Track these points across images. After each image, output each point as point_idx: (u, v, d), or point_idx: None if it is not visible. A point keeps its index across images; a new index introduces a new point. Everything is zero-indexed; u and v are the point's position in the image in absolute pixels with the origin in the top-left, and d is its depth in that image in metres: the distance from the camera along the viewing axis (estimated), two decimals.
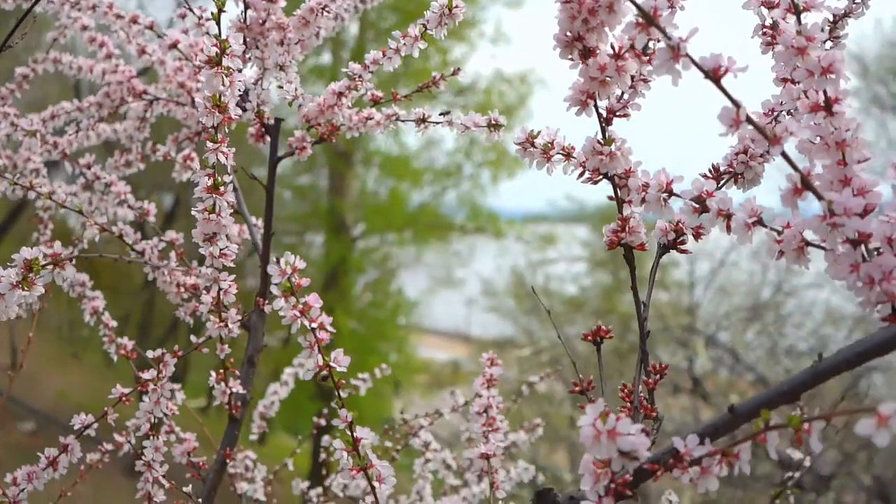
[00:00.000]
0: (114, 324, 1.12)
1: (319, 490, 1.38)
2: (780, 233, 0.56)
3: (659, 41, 0.54)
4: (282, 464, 1.42)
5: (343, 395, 0.65)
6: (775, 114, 0.69)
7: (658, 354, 7.07)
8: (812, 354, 6.80)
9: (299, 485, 1.41)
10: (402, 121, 0.98)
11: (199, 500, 0.95)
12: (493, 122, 0.84)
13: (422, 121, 0.96)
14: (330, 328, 0.63)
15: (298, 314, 0.62)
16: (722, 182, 0.70)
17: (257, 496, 1.30)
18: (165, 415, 0.98)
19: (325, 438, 1.23)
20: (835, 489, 5.79)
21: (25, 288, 0.69)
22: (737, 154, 0.69)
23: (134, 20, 1.11)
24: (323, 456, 1.40)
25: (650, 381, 0.65)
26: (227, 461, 1.00)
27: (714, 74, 0.51)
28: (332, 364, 0.64)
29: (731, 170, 0.69)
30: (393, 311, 11.67)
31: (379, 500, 0.65)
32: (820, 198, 0.52)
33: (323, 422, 1.50)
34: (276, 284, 0.62)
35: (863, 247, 0.53)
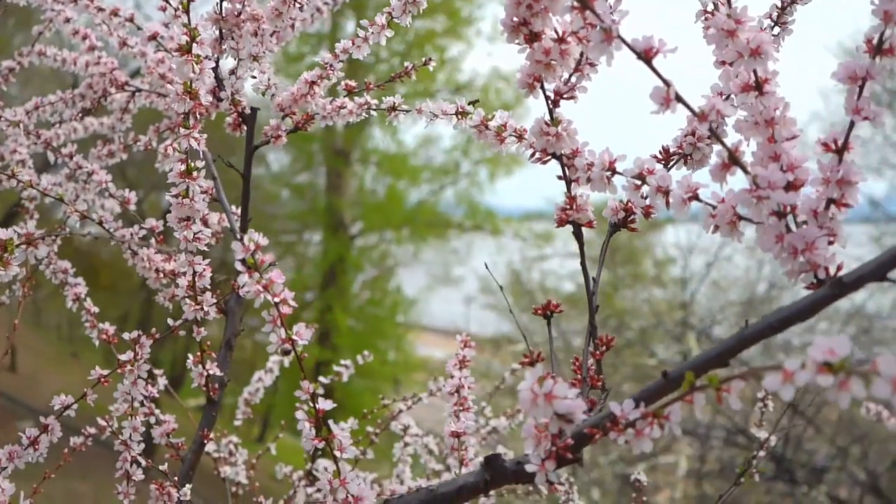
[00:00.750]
0: (95, 309, 1.14)
1: (300, 473, 1.41)
2: (714, 207, 0.59)
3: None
4: (264, 448, 1.45)
5: (303, 366, 0.68)
6: (723, 97, 0.72)
7: (654, 350, 7.12)
8: (803, 348, 6.84)
9: (282, 469, 1.44)
10: (374, 109, 1.00)
11: (176, 478, 0.98)
12: (460, 109, 0.86)
13: (392, 109, 0.99)
14: (292, 303, 0.66)
15: (262, 289, 0.65)
16: (671, 163, 0.72)
17: (239, 479, 1.33)
18: (145, 397, 1.01)
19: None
20: (829, 483, 5.83)
21: (1, 267, 0.71)
22: (685, 136, 0.72)
23: (115, 13, 1.13)
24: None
25: (597, 352, 0.68)
26: (205, 442, 1.03)
27: (646, 55, 0.54)
28: (294, 337, 0.66)
29: (679, 151, 0.72)
30: (391, 308, 11.70)
31: (340, 470, 0.68)
32: (746, 172, 0.55)
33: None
34: (239, 260, 0.65)
35: (791, 219, 0.56)
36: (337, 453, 0.68)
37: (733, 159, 0.55)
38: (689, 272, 7.52)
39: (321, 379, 1.30)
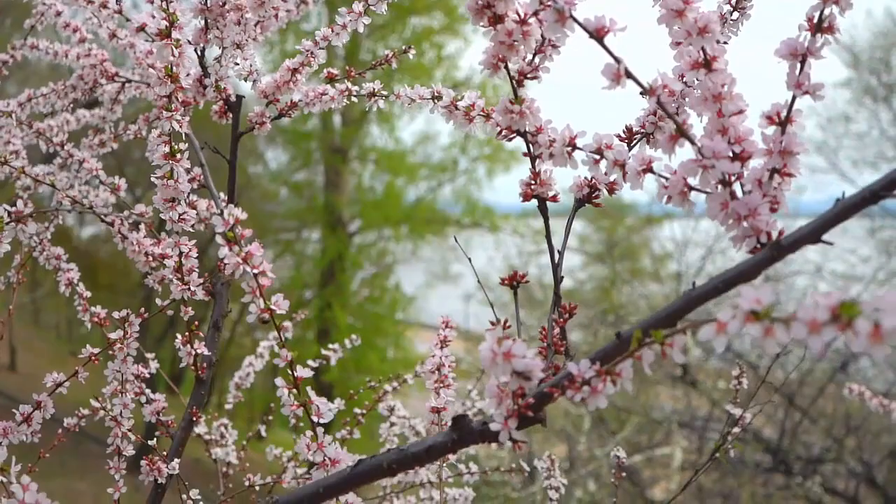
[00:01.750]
0: (88, 294, 1.17)
1: (290, 454, 1.44)
2: (667, 179, 0.62)
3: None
4: (255, 431, 1.49)
5: (283, 336, 0.71)
6: (684, 78, 0.75)
7: None
8: (799, 340, 6.86)
9: (273, 451, 1.48)
10: (355, 95, 1.04)
11: (165, 453, 1.01)
12: (436, 94, 0.90)
13: (372, 95, 1.02)
14: (271, 274, 0.69)
15: (241, 261, 0.68)
16: (635, 141, 0.76)
17: (230, 459, 1.36)
18: (136, 376, 1.05)
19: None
20: (824, 475, 5.87)
21: None
22: (647, 115, 0.75)
23: (103, 5, 1.16)
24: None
25: (561, 320, 0.72)
26: (194, 419, 1.06)
27: (598, 34, 0.57)
28: (272, 307, 0.70)
29: (643, 130, 0.75)
30: (390, 306, 11.73)
31: (318, 436, 0.71)
32: (693, 143, 0.58)
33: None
34: (219, 234, 0.68)
35: (737, 187, 0.60)
36: (314, 418, 0.71)
37: (680, 131, 0.58)
38: (686, 265, 7.56)
39: (309, 362, 1.33)
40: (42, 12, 1.36)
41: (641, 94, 0.58)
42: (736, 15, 0.79)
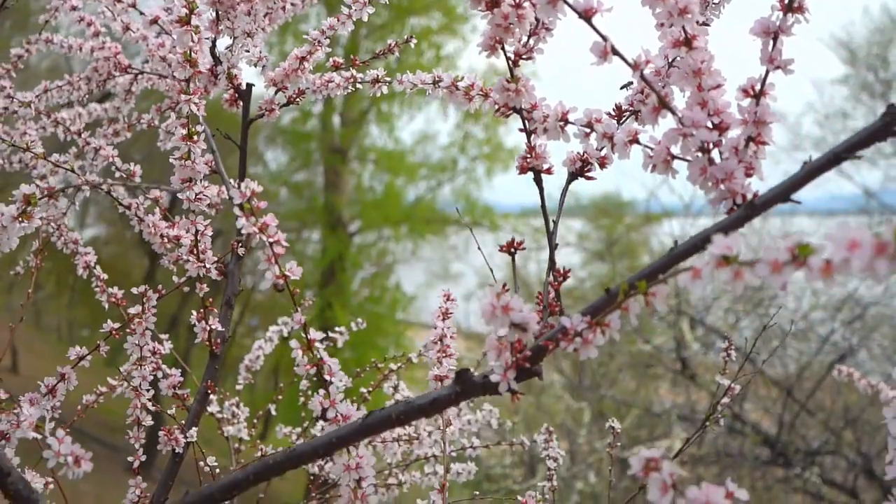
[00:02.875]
0: (105, 276, 1.23)
1: (299, 430, 1.49)
2: (652, 149, 0.67)
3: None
4: (265, 410, 1.54)
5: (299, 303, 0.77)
6: (670, 59, 0.80)
7: (648, 337, 7.21)
8: (797, 335, 6.93)
9: (282, 430, 1.53)
10: (360, 82, 1.09)
11: (184, 423, 1.06)
12: (436, 79, 0.95)
13: (376, 81, 1.07)
14: (284, 243, 0.75)
15: (257, 230, 0.74)
16: (624, 118, 0.81)
17: (241, 435, 1.42)
18: (152, 352, 1.10)
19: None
20: (822, 466, 5.92)
21: (24, 219, 0.80)
22: (636, 94, 0.80)
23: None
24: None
25: (556, 283, 0.77)
26: (209, 392, 1.11)
27: (586, 14, 0.63)
28: (287, 273, 0.75)
29: (630, 108, 0.80)
30: (391, 306, 11.77)
31: (331, 395, 0.77)
32: (674, 114, 0.63)
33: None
34: (237, 205, 0.73)
35: (716, 155, 0.65)
36: (327, 377, 0.76)
37: (662, 103, 0.64)
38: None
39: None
40: (56, 7, 1.41)
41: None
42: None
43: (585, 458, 5.71)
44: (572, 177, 0.79)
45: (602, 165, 0.79)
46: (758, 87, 0.64)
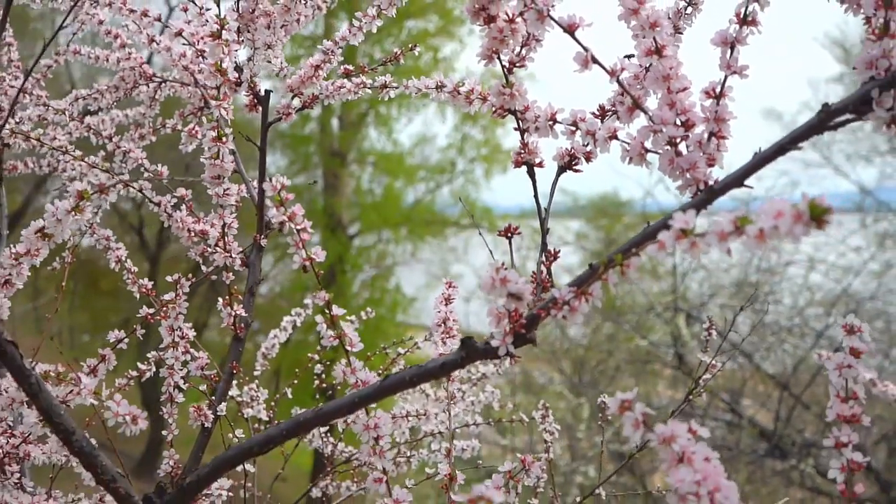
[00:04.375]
0: (135, 269, 1.33)
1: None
2: (628, 144, 0.78)
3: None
4: (281, 392, 1.65)
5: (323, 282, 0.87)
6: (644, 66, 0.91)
7: (650, 338, 7.33)
8: (793, 330, 7.04)
9: (296, 411, 1.63)
10: (370, 88, 1.20)
11: (213, 398, 1.17)
12: (439, 84, 1.05)
13: (384, 87, 1.18)
14: (310, 230, 0.85)
15: (287, 219, 0.84)
16: (607, 118, 0.91)
17: (261, 416, 1.52)
18: (181, 336, 1.20)
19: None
20: (817, 458, 6.02)
21: (77, 213, 0.90)
22: (617, 96, 0.91)
23: (144, 14, 1.32)
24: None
25: (547, 262, 0.87)
26: (234, 372, 1.22)
27: (570, 29, 0.73)
28: (312, 256, 0.85)
29: (612, 108, 0.91)
30: (391, 307, 11.87)
31: (351, 362, 0.87)
32: (646, 112, 0.74)
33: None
34: (268, 197, 0.84)
35: (683, 148, 0.75)
36: (348, 348, 0.87)
37: (636, 104, 0.74)
38: (681, 256, 7.73)
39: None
40: (83, 21, 1.52)
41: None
42: (690, 9, 0.95)
43: (585, 454, 5.81)
44: (561, 170, 0.90)
45: (588, 159, 0.89)
46: (718, 90, 0.75)
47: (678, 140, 0.74)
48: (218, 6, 0.97)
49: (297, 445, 1.80)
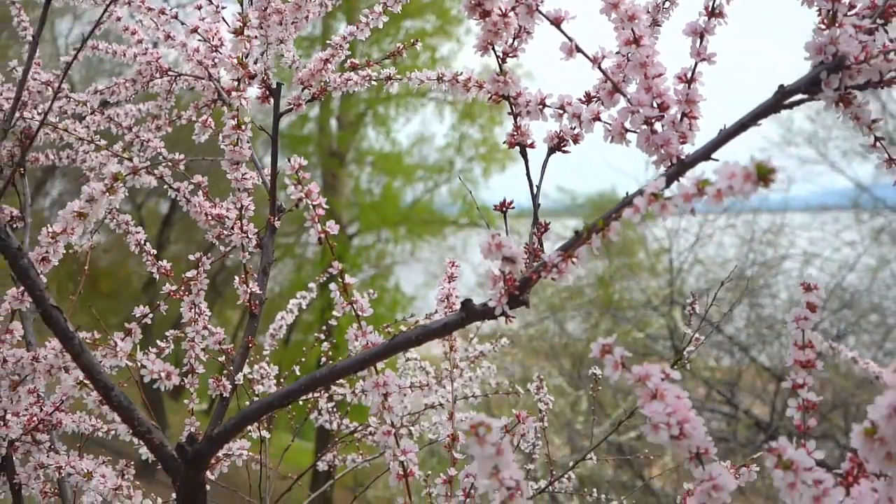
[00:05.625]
0: (154, 251, 1.42)
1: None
2: (610, 125, 0.87)
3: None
4: (290, 371, 1.74)
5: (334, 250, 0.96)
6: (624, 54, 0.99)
7: (647, 332, 7.43)
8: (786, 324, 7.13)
9: None
10: (374, 80, 1.29)
11: (232, 367, 1.26)
12: (440, 76, 1.14)
13: (388, 79, 1.27)
14: (325, 206, 0.94)
15: (304, 196, 0.93)
16: (592, 102, 1.00)
17: (271, 391, 1.61)
18: (199, 314, 1.29)
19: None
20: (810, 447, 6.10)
21: (111, 194, 0.99)
22: (600, 82, 1.00)
23: (162, 11, 1.41)
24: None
25: (539, 233, 0.96)
26: (249, 346, 1.30)
27: (556, 21, 0.82)
28: (327, 229, 0.94)
29: (597, 94, 1.00)
30: (391, 307, 11.96)
31: (362, 326, 0.96)
32: (624, 96, 0.83)
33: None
34: (287, 176, 0.93)
35: (659, 127, 0.84)
36: (359, 313, 0.96)
37: (615, 87, 0.83)
38: (678, 250, 7.84)
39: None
40: (103, 19, 1.60)
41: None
42: (667, 4, 1.04)
43: (583, 446, 5.91)
44: (551, 150, 0.99)
45: (575, 141, 0.98)
46: (689, 76, 0.84)
47: (654, 120, 0.83)
48: (241, 4, 1.06)
49: (294, 441, 1.88)
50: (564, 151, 0.99)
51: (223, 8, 1.25)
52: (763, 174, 0.59)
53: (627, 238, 11.46)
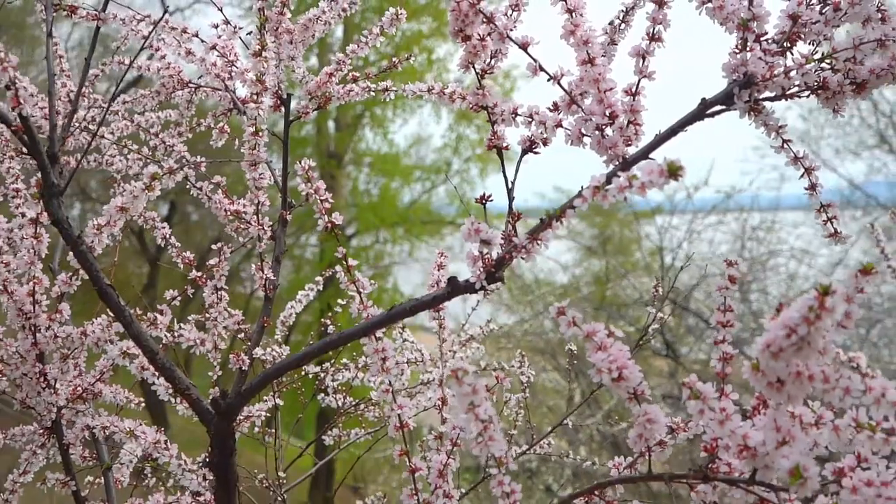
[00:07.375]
0: (178, 245, 1.60)
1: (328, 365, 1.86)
2: (569, 131, 1.05)
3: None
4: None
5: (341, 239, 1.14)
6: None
7: (638, 326, 7.59)
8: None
9: (311, 368, 1.89)
10: (374, 91, 1.46)
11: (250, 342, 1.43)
12: (430, 87, 1.32)
13: (386, 90, 1.45)
14: (331, 200, 1.12)
15: (313, 192, 1.11)
16: (556, 113, 1.18)
17: None
18: (220, 298, 1.47)
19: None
20: None
21: (149, 191, 1.17)
22: (562, 97, 1.17)
23: (184, 30, 1.59)
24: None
25: (513, 220, 1.14)
26: (265, 326, 1.48)
27: (523, 46, 1.00)
28: (332, 220, 1.12)
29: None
30: (389, 307, 12.10)
31: (364, 301, 1.14)
32: (580, 107, 1.01)
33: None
34: (298, 175, 1.10)
35: (609, 131, 1.02)
36: (361, 290, 1.13)
37: (572, 100, 1.01)
38: (669, 243, 8.03)
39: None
40: (126, 36, 1.78)
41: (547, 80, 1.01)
42: (623, 26, 1.22)
43: (577, 434, 6.08)
44: (524, 152, 1.17)
45: (545, 144, 1.16)
46: (634, 89, 1.02)
47: (604, 126, 1.00)
48: (259, 30, 1.24)
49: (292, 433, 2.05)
50: (535, 153, 1.17)
51: (240, 28, 1.42)
52: (673, 171, 0.77)
53: (624, 238, 11.64)
